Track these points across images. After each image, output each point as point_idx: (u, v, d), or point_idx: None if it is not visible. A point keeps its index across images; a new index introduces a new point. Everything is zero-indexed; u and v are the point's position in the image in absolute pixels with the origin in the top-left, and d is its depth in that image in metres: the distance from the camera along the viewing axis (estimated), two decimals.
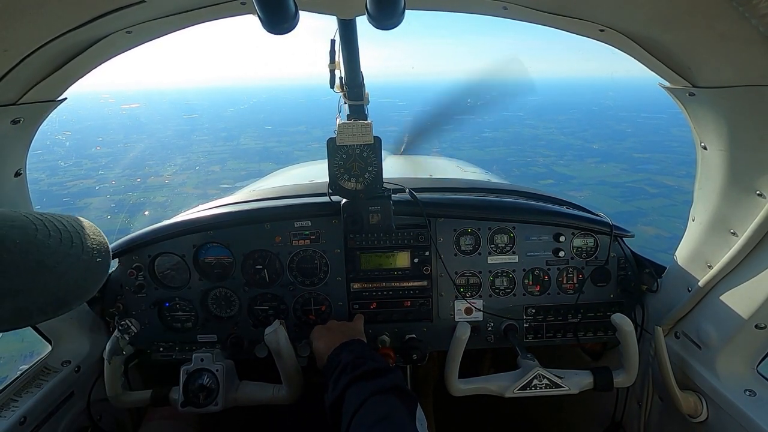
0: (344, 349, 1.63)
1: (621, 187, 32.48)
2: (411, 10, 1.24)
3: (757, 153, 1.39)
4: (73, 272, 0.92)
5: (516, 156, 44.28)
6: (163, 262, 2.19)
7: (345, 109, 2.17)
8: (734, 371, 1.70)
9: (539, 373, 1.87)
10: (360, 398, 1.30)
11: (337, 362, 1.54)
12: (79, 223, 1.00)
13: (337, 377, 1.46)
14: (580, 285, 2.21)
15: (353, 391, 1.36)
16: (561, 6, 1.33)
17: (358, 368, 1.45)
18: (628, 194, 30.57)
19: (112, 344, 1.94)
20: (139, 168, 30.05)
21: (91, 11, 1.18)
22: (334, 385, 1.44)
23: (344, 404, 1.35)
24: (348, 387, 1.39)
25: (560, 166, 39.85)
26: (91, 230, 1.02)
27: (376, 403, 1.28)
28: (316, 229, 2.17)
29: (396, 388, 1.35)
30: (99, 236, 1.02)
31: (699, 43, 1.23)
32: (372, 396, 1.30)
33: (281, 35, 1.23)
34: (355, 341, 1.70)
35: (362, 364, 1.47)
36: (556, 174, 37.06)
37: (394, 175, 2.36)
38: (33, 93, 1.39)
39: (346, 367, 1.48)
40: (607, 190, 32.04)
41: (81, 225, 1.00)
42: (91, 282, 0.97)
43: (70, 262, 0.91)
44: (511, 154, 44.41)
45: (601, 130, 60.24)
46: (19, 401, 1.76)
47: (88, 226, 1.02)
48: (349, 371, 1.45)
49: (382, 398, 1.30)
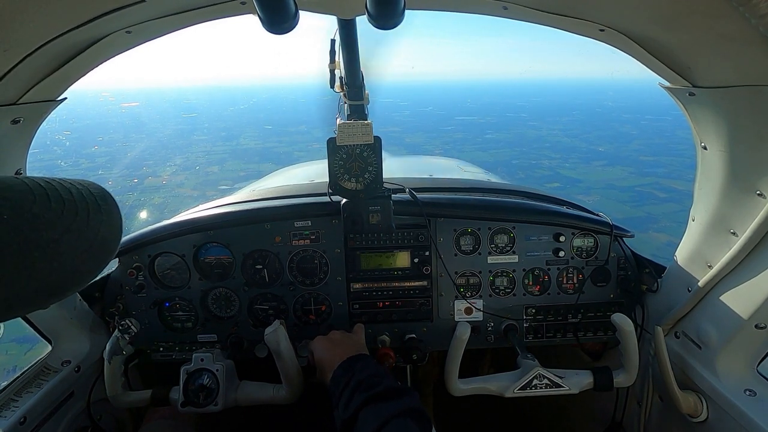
0: (354, 364, 1.55)
1: (630, 192, 32.10)
2: (411, 10, 1.24)
3: (757, 153, 1.39)
4: (70, 253, 0.78)
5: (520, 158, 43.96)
6: (163, 262, 2.19)
7: (345, 109, 2.17)
8: (734, 371, 1.70)
9: (539, 373, 1.87)
10: (378, 421, 1.25)
11: (347, 378, 1.48)
12: (91, 191, 0.85)
13: (350, 395, 1.40)
14: (580, 285, 2.21)
15: (370, 412, 1.31)
16: (561, 6, 1.33)
17: (373, 388, 1.38)
18: (638, 199, 30.16)
19: (112, 344, 1.94)
20: (137, 168, 29.84)
21: (91, 11, 1.18)
22: (347, 404, 1.38)
23: (358, 423, 1.30)
24: (363, 407, 1.33)
25: (566, 168, 39.54)
26: (105, 201, 0.87)
27: (394, 428, 1.23)
28: (316, 229, 2.17)
29: (414, 411, 1.29)
30: (111, 208, 0.88)
31: (699, 43, 1.23)
32: (390, 419, 1.25)
33: (281, 35, 1.23)
34: (363, 356, 1.63)
35: (378, 383, 1.40)
36: (562, 177, 36.74)
37: (394, 175, 2.36)
38: (33, 93, 1.38)
39: (359, 385, 1.41)
40: (616, 194, 31.62)
41: (92, 194, 0.85)
42: (90, 265, 0.84)
43: (68, 240, 0.77)
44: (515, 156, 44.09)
45: (606, 132, 60.01)
46: (19, 401, 1.76)
47: (102, 195, 0.87)
48: (363, 390, 1.39)
49: (401, 422, 1.25)
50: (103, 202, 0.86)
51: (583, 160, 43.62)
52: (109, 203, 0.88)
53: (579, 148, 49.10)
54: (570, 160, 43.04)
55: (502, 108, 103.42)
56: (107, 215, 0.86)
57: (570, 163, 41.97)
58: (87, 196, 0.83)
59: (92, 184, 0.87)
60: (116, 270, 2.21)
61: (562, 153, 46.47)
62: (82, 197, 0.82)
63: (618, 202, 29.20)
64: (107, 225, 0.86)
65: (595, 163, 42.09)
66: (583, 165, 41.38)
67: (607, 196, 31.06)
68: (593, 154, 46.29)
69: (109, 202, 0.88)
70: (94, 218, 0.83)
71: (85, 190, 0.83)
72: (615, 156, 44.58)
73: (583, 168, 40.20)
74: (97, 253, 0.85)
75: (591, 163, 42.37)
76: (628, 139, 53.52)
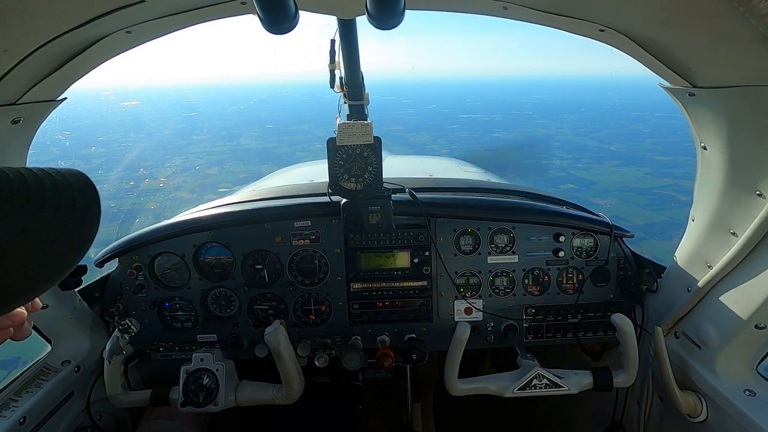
0: None
1: (648, 194, 30.48)
2: (411, 10, 1.24)
3: (757, 153, 1.39)
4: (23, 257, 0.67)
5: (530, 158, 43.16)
6: (163, 262, 2.19)
7: (345, 109, 2.17)
8: (734, 371, 1.70)
9: (539, 373, 1.87)
10: None
11: None
12: (70, 182, 0.75)
13: None
14: (580, 285, 2.21)
15: None
16: (561, 6, 1.32)
17: None
18: (657, 202, 28.49)
19: (112, 344, 1.94)
20: (134, 170, 29.52)
21: (91, 11, 1.18)
22: None
23: None
24: None
25: (579, 169, 38.31)
26: (83, 194, 0.76)
27: None
28: (316, 229, 2.17)
29: None
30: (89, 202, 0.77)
31: (699, 43, 1.23)
32: None
33: (281, 35, 1.23)
34: None
35: None
36: (576, 178, 35.51)
37: (394, 175, 2.36)
38: (33, 93, 1.38)
39: None
40: (634, 197, 30.00)
41: (70, 186, 0.74)
42: (49, 270, 0.73)
43: (23, 241, 0.67)
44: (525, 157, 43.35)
45: (616, 131, 58.83)
46: (19, 401, 1.76)
47: (82, 188, 0.77)
48: None
49: None
50: (80, 195, 0.75)
51: (595, 160, 42.39)
52: (88, 197, 0.77)
53: (590, 147, 47.78)
54: (582, 160, 41.76)
55: (508, 106, 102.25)
56: (82, 210, 0.75)
57: (582, 163, 40.75)
58: (63, 189, 0.73)
59: (75, 174, 0.77)
60: (116, 270, 2.21)
61: (574, 152, 45.24)
62: (55, 190, 0.71)
63: (637, 206, 27.66)
64: (78, 222, 0.74)
65: (609, 163, 40.90)
66: (596, 165, 40.17)
67: (625, 200, 29.52)
68: (606, 154, 45.08)
69: (88, 195, 0.77)
70: (63, 215, 0.71)
71: (64, 182, 0.73)
72: (628, 155, 43.43)
73: (597, 169, 39.01)
74: (59, 256, 0.73)
75: (604, 163, 41.21)
76: (640, 138, 52.08)
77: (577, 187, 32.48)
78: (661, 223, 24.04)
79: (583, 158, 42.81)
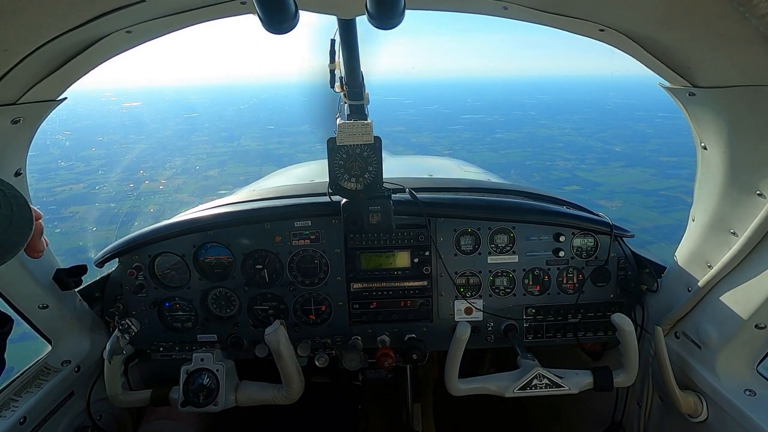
0: None
1: (654, 196, 30.09)
2: (411, 10, 1.24)
3: (757, 153, 1.39)
4: None
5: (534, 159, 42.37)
6: (163, 262, 2.20)
7: (345, 109, 2.17)
8: (734, 371, 1.70)
9: (539, 373, 1.87)
10: None
11: None
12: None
13: None
14: (580, 285, 2.21)
15: None
16: (561, 6, 1.33)
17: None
18: (664, 204, 27.97)
19: (112, 344, 1.94)
20: (134, 171, 29.33)
21: (91, 11, 1.18)
22: None
23: None
24: None
25: (583, 170, 37.90)
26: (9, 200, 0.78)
27: None
28: (316, 229, 2.17)
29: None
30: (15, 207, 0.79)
31: (699, 43, 1.23)
32: None
33: (281, 35, 1.23)
34: None
35: None
36: (580, 179, 35.12)
37: (394, 175, 2.35)
38: (33, 93, 1.39)
39: None
40: (640, 199, 29.55)
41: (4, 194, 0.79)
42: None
43: None
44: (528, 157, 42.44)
45: (620, 131, 58.05)
46: (19, 401, 1.76)
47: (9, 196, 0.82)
48: None
49: None
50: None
51: (600, 161, 42.00)
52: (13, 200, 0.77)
53: (594, 148, 47.32)
54: (586, 161, 41.46)
55: (509, 106, 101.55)
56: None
57: (587, 164, 40.42)
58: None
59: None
60: (116, 270, 2.21)
61: (578, 153, 44.86)
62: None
63: (644, 208, 27.27)
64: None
65: (614, 164, 40.46)
66: (600, 166, 39.86)
67: (631, 201, 29.06)
68: (610, 155, 44.59)
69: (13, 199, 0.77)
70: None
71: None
72: (633, 156, 43.03)
73: (602, 170, 38.65)
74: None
75: (609, 164, 40.80)
76: (644, 138, 51.81)
77: (582, 188, 32.07)
78: (669, 225, 23.65)
79: (587, 159, 42.32)
